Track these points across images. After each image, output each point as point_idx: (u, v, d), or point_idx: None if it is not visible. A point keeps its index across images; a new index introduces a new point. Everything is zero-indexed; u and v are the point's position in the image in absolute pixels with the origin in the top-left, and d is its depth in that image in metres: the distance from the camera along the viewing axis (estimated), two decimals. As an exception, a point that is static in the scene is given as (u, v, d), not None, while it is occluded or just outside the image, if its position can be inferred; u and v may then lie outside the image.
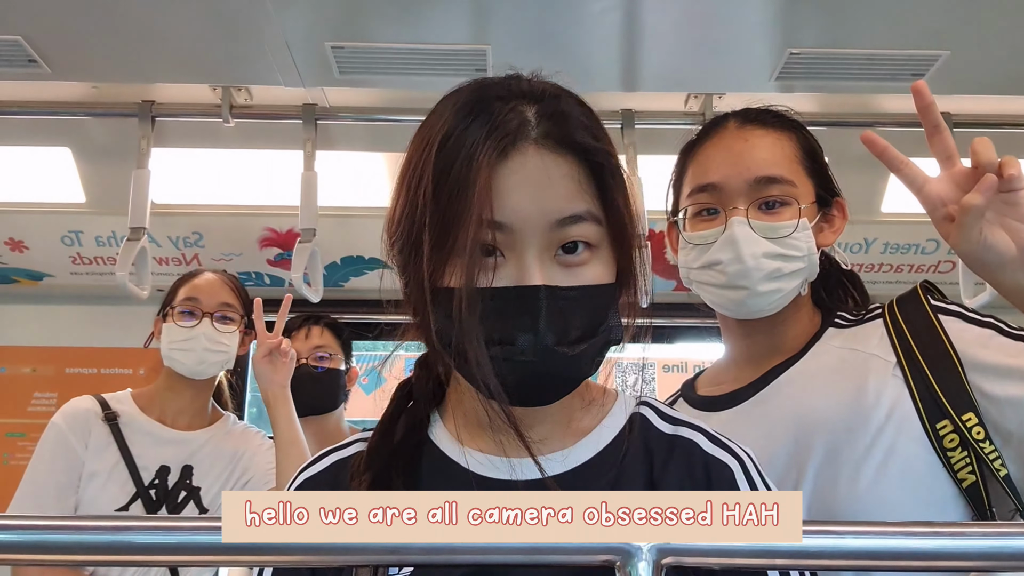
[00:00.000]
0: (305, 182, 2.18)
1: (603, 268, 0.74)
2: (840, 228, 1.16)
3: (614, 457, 0.78)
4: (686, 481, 0.76)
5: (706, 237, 1.10)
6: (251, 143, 2.47)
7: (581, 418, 0.81)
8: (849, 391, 1.04)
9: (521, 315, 0.69)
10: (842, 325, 1.13)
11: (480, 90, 0.74)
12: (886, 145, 0.94)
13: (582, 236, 0.72)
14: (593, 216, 0.72)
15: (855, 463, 1.00)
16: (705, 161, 1.13)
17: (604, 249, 0.74)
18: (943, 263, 2.86)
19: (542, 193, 0.70)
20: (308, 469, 0.84)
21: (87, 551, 0.58)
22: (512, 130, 0.70)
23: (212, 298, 1.89)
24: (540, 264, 0.70)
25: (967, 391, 0.98)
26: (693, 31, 1.87)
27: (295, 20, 1.82)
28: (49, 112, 2.29)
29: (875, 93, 2.18)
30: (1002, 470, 0.96)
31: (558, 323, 0.70)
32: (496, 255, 0.71)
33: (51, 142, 2.47)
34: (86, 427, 1.79)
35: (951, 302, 1.08)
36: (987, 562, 0.58)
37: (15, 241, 2.78)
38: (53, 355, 3.06)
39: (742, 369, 1.16)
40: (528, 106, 0.72)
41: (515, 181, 0.69)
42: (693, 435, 0.80)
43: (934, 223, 0.94)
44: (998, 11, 1.80)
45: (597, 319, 0.73)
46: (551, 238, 0.71)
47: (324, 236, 2.17)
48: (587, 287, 0.72)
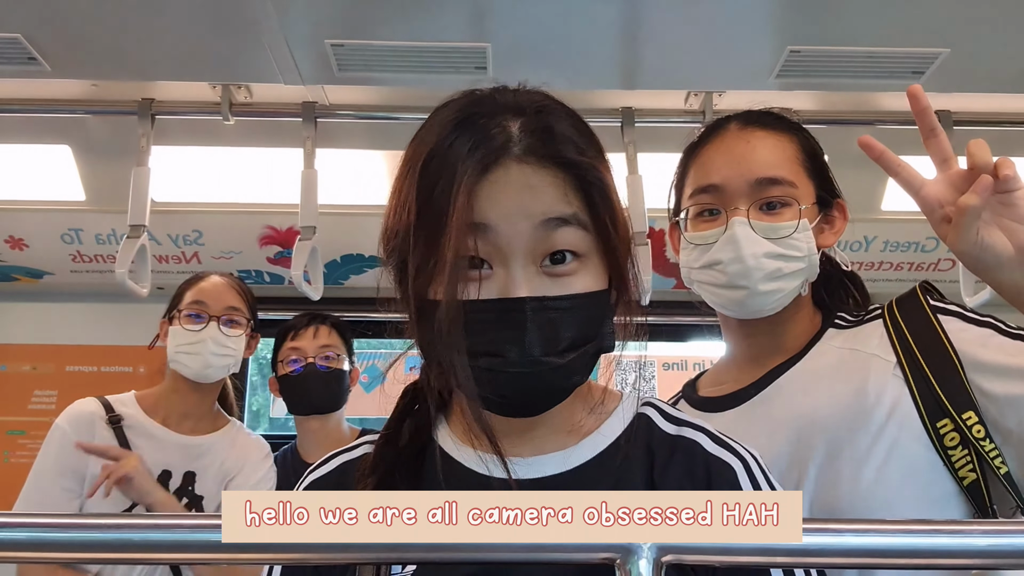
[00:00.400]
0: (305, 180, 2.18)
1: (592, 277, 0.73)
2: (841, 229, 1.17)
3: (615, 458, 0.78)
4: (685, 481, 0.76)
5: (707, 237, 1.10)
6: (251, 141, 2.46)
7: (584, 419, 0.81)
8: (850, 391, 1.04)
9: (507, 327, 0.69)
10: (842, 326, 1.14)
11: (465, 108, 0.74)
12: (883, 149, 0.95)
13: (569, 244, 0.71)
14: (579, 221, 0.72)
15: (857, 463, 1.00)
16: (707, 162, 1.13)
17: (593, 258, 0.73)
18: (943, 261, 2.86)
19: (524, 198, 0.70)
20: (317, 470, 0.85)
21: (89, 549, 0.58)
22: (495, 147, 0.70)
23: (219, 302, 1.89)
24: (526, 275, 0.70)
25: (967, 390, 0.99)
26: (693, 29, 1.87)
27: (295, 18, 1.81)
28: (49, 110, 2.28)
29: (875, 91, 2.17)
30: (1003, 468, 0.97)
31: (545, 334, 0.70)
32: (483, 267, 0.71)
33: (51, 140, 2.47)
34: (90, 430, 1.79)
35: (950, 302, 1.09)
36: (987, 560, 0.58)
37: (15, 239, 2.78)
38: (53, 353, 3.06)
39: (743, 369, 1.17)
40: (512, 120, 0.72)
41: (497, 189, 0.70)
42: (696, 435, 0.80)
43: (932, 225, 0.95)
44: (998, 9, 1.79)
45: (587, 328, 0.73)
46: (537, 246, 0.71)
47: (324, 234, 2.17)
48: (575, 296, 0.72)
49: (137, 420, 1.84)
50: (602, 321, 0.75)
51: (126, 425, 1.82)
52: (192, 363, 1.84)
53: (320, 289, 2.26)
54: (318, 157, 2.22)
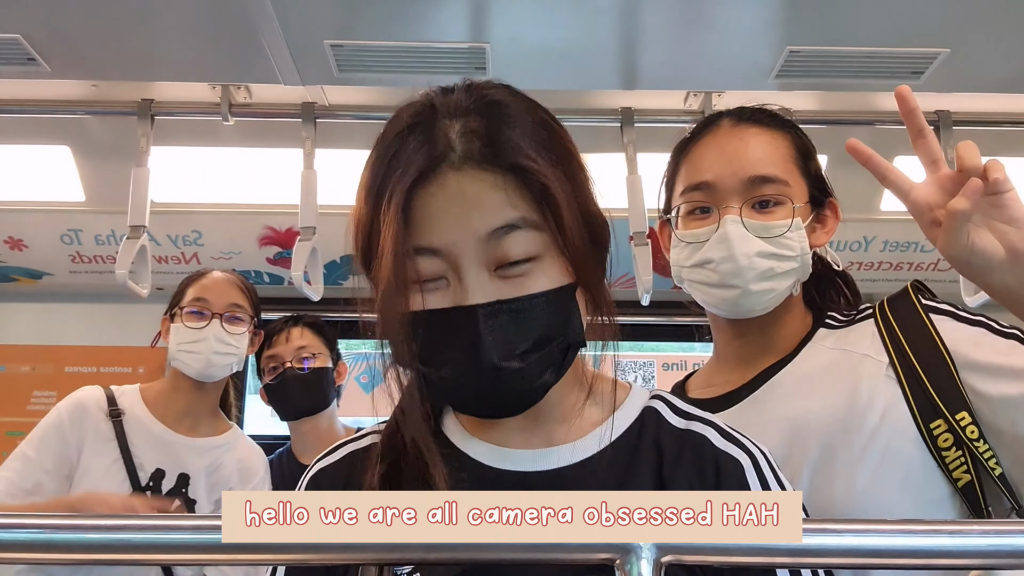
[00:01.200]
0: (305, 180, 2.18)
1: (552, 274, 0.71)
2: (833, 229, 1.16)
3: (624, 451, 0.78)
4: (695, 480, 0.76)
5: (699, 235, 1.09)
6: (250, 141, 2.47)
7: (591, 411, 0.80)
8: (843, 392, 1.04)
9: (462, 336, 0.69)
10: (833, 326, 1.13)
11: (409, 117, 0.73)
12: (871, 153, 0.94)
13: (520, 251, 0.70)
14: (529, 223, 0.70)
15: (850, 464, 1.00)
16: (699, 159, 1.12)
17: (550, 256, 0.71)
18: (942, 261, 2.85)
19: (465, 212, 0.69)
20: (324, 459, 0.85)
21: (87, 550, 0.58)
22: (433, 157, 0.69)
23: (221, 298, 1.88)
24: (479, 282, 0.69)
25: (960, 390, 0.98)
26: (692, 29, 1.87)
27: (295, 18, 1.81)
28: (48, 110, 2.28)
29: (875, 91, 2.18)
30: (997, 468, 0.97)
31: (502, 339, 0.69)
32: (440, 281, 0.71)
33: (51, 140, 2.47)
34: (86, 421, 1.78)
35: (942, 301, 1.08)
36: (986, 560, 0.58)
37: (14, 240, 2.78)
38: (52, 354, 3.06)
39: (733, 370, 1.16)
40: (452, 124, 0.71)
41: (437, 206, 0.69)
42: (704, 430, 0.80)
43: (922, 228, 0.94)
44: (997, 9, 1.79)
45: (549, 327, 0.71)
46: (487, 255, 0.70)
47: (324, 234, 2.17)
48: (532, 296, 0.70)
49: (137, 416, 1.83)
50: (567, 317, 0.72)
51: (126, 419, 1.81)
52: (194, 361, 1.83)
53: (320, 290, 2.26)
54: (318, 158, 2.22)
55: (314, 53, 1.94)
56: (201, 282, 1.90)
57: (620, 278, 2.77)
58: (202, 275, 1.93)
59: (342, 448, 0.85)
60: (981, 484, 0.98)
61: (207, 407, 1.92)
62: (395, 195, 0.69)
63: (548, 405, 0.76)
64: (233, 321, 1.87)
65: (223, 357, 1.84)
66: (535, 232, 0.70)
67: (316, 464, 0.85)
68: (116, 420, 1.80)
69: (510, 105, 0.74)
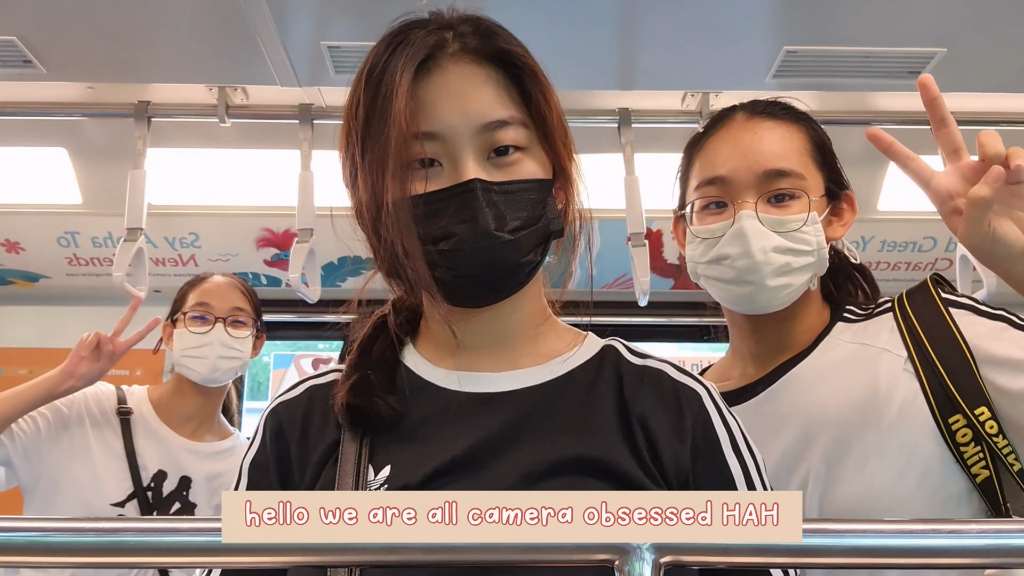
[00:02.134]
0: (302, 182, 2.18)
1: (535, 166, 0.79)
2: (849, 221, 1.14)
3: (587, 374, 0.83)
4: (656, 403, 0.80)
5: (714, 231, 1.08)
6: (247, 143, 2.46)
7: (554, 344, 0.85)
8: (860, 387, 1.02)
9: (461, 209, 0.75)
10: (851, 320, 1.12)
11: (401, 26, 0.80)
12: (892, 140, 0.93)
13: (510, 140, 0.77)
14: (518, 121, 0.78)
15: (867, 459, 0.99)
16: (713, 154, 1.11)
17: (535, 149, 0.80)
18: (940, 260, 2.86)
19: (465, 101, 0.76)
20: (286, 394, 0.87)
21: (86, 552, 0.57)
22: (430, 47, 0.77)
23: (224, 302, 1.87)
24: (474, 164, 0.76)
25: (979, 385, 0.97)
26: (690, 29, 1.87)
27: (291, 20, 1.81)
28: (45, 112, 2.28)
29: (872, 91, 2.18)
30: (1016, 464, 0.95)
31: (495, 212, 0.75)
32: (434, 165, 0.76)
33: (47, 143, 2.47)
34: (101, 407, 1.82)
35: (961, 295, 1.07)
36: (987, 559, 0.58)
37: (11, 242, 2.77)
38: (49, 357, 3.02)
39: (749, 365, 1.15)
40: (445, 29, 0.79)
41: (438, 94, 0.76)
42: (661, 366, 0.85)
43: (942, 217, 0.92)
44: (994, 9, 1.80)
45: (533, 211, 0.78)
46: (481, 142, 0.77)
47: (321, 236, 2.17)
48: (521, 180, 0.77)
49: (144, 417, 1.84)
50: (546, 206, 0.80)
51: (133, 419, 1.82)
52: (199, 367, 1.82)
53: (318, 291, 2.25)
54: (315, 159, 2.22)
55: (311, 54, 1.94)
56: (203, 286, 1.89)
57: (618, 279, 2.77)
58: (203, 279, 1.92)
59: (304, 383, 0.88)
60: (1000, 480, 0.96)
61: (211, 412, 1.92)
62: (404, 76, 0.74)
63: (514, 328, 0.83)
64: (237, 325, 1.86)
65: (228, 361, 1.84)
66: (523, 128, 0.79)
67: (278, 398, 0.87)
68: (124, 419, 1.80)
69: (488, 19, 0.83)
